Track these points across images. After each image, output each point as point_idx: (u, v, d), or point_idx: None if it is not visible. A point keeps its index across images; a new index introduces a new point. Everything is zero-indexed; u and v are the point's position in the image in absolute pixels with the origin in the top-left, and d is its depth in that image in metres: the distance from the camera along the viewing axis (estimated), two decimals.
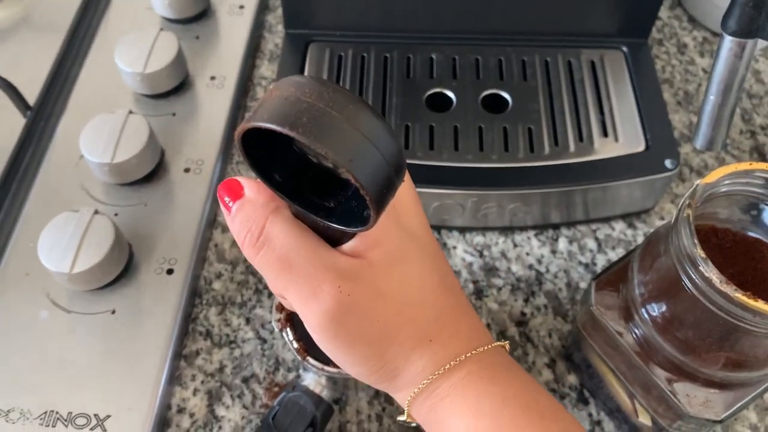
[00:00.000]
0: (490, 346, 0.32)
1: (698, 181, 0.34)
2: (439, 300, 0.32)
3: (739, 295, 0.30)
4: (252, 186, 0.30)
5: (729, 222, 0.38)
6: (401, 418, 0.33)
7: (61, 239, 0.46)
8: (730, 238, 0.37)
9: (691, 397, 0.37)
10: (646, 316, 0.37)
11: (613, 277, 0.40)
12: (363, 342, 0.30)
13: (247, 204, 0.30)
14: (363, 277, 0.29)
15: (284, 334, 0.41)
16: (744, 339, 0.33)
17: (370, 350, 0.30)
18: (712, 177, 0.34)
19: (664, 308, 0.35)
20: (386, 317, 0.30)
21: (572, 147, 0.50)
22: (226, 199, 0.31)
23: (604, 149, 0.50)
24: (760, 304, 0.30)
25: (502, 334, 0.48)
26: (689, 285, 0.33)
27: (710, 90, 0.42)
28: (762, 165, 0.34)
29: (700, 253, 0.31)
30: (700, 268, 0.31)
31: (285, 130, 0.23)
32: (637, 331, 0.38)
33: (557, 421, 0.31)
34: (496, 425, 0.30)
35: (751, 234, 0.37)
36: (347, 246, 0.30)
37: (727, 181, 0.35)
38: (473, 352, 0.31)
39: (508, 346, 0.33)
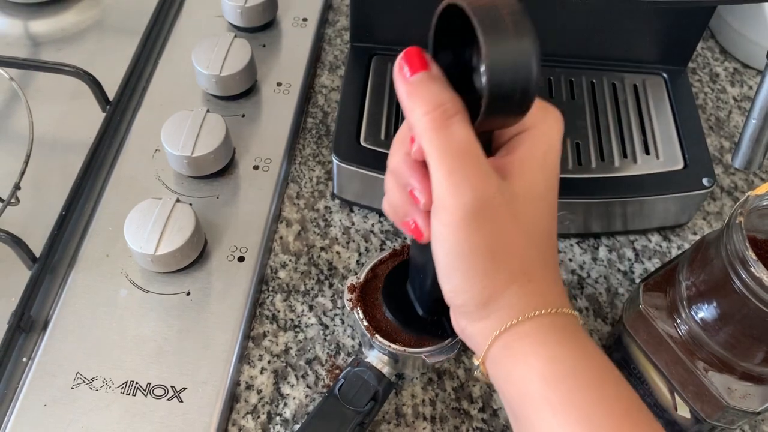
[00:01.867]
0: (574, 313, 0.34)
1: (749, 193, 0.38)
2: (549, 248, 0.34)
3: None
4: (435, 66, 0.31)
5: (766, 233, 0.42)
6: (475, 362, 0.35)
7: (146, 223, 0.50)
8: None
9: (732, 390, 0.40)
10: (693, 314, 0.40)
11: (660, 279, 0.44)
12: (486, 252, 0.31)
13: (438, 81, 0.31)
14: (510, 200, 0.31)
15: (355, 312, 0.45)
16: None
17: (485, 264, 0.32)
18: (761, 190, 0.38)
19: (712, 307, 0.39)
20: (512, 239, 0.32)
21: (617, 162, 0.55)
22: (405, 69, 0.31)
23: (646, 165, 0.55)
24: None
25: None
26: (739, 285, 0.36)
27: (752, 114, 0.46)
28: None
29: (751, 255, 0.35)
30: (751, 268, 0.35)
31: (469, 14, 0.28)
32: (683, 328, 0.42)
33: (627, 387, 0.32)
34: (569, 373, 0.31)
35: None
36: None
37: None
38: (567, 309, 0.33)
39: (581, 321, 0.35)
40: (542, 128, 0.34)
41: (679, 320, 0.42)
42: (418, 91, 0.31)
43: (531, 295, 0.32)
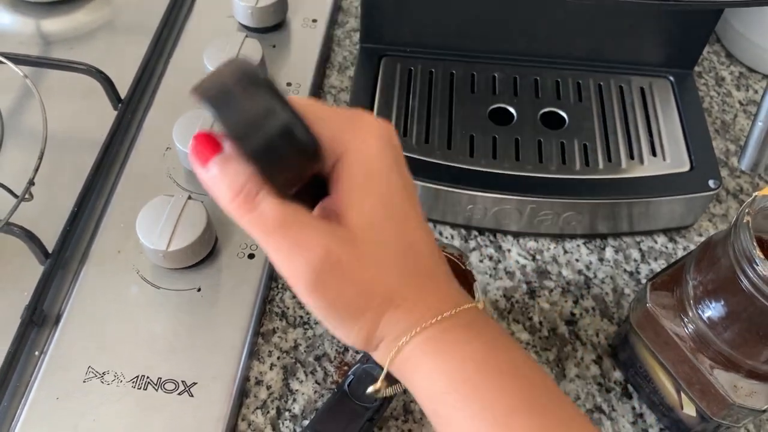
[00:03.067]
0: (457, 310, 0.33)
1: (756, 193, 0.38)
2: (415, 260, 0.33)
3: None
4: (228, 144, 0.31)
5: None
6: (371, 389, 0.37)
7: (158, 220, 0.50)
8: None
9: (738, 388, 0.41)
10: (700, 312, 0.41)
11: (667, 279, 0.45)
12: (342, 304, 0.32)
13: (234, 161, 0.30)
14: (346, 242, 0.31)
15: None
16: None
17: (347, 313, 0.33)
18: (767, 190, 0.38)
19: (719, 305, 0.40)
20: (363, 282, 0.32)
21: (624, 163, 0.55)
22: (198, 157, 0.31)
23: (653, 167, 0.55)
24: None
25: (553, 332, 0.53)
26: (746, 283, 0.37)
27: (759, 116, 0.47)
28: None
29: (758, 254, 0.36)
30: (758, 267, 0.36)
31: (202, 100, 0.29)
32: (690, 327, 0.42)
33: (518, 377, 0.33)
34: (449, 384, 0.32)
35: None
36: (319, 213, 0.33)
37: None
38: (436, 318, 0.33)
39: (482, 305, 0.35)
40: (353, 148, 0.32)
41: (685, 319, 0.42)
42: (215, 180, 0.31)
43: (402, 320, 0.33)
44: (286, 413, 0.48)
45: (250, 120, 0.28)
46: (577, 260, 0.56)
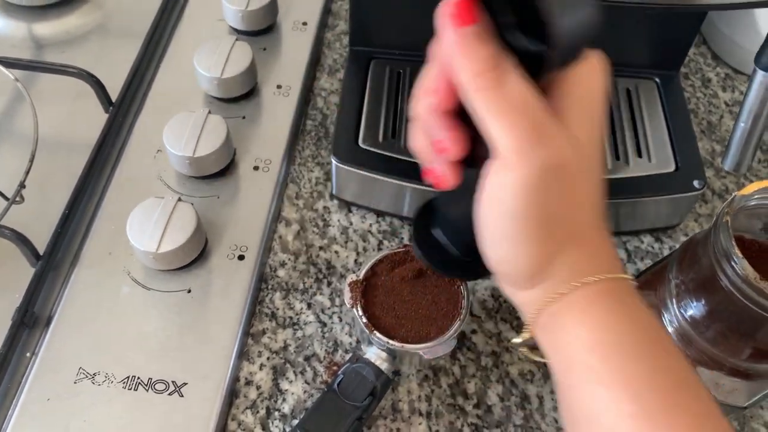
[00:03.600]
0: (625, 276, 0.32)
1: (735, 193, 0.39)
2: (598, 207, 0.32)
3: None
4: (485, 19, 0.29)
5: (754, 234, 0.43)
6: (517, 340, 0.34)
7: (149, 221, 0.51)
8: (756, 247, 0.42)
9: (720, 385, 0.41)
10: (682, 311, 0.41)
11: (651, 278, 0.45)
12: (543, 218, 0.30)
13: (490, 39, 0.28)
14: (576, 149, 0.29)
15: (355, 310, 0.46)
16: None
17: (538, 232, 0.30)
18: (747, 190, 0.39)
19: (700, 304, 0.40)
20: (573, 200, 0.30)
21: (609, 164, 0.56)
22: (455, 17, 0.28)
23: (638, 168, 0.56)
24: None
25: None
26: (726, 281, 0.38)
27: (741, 117, 0.47)
28: None
29: (737, 252, 0.36)
30: (737, 265, 0.36)
31: None
32: (672, 325, 0.43)
33: (677, 358, 0.31)
34: (615, 342, 0.30)
35: None
36: None
37: (758, 195, 0.40)
38: (614, 275, 0.31)
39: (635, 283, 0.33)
40: (589, 65, 0.30)
41: (668, 317, 0.43)
42: (468, 47, 0.28)
43: (579, 263, 0.31)
44: (276, 413, 0.49)
45: (573, 14, 0.26)
46: None
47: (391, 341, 0.45)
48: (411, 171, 0.55)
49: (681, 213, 0.57)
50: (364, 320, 0.45)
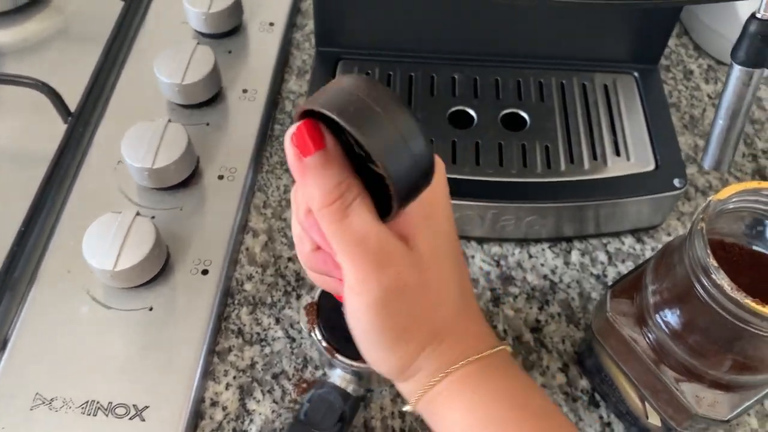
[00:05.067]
0: (493, 350, 0.34)
1: (711, 197, 0.37)
2: (456, 301, 0.34)
3: (749, 301, 0.33)
4: (332, 142, 0.29)
5: (736, 237, 0.41)
6: (406, 408, 0.36)
7: (105, 238, 0.49)
8: (736, 251, 0.40)
9: (700, 398, 0.39)
10: (659, 321, 0.39)
11: (628, 286, 0.43)
12: (393, 328, 0.32)
13: (336, 163, 0.29)
14: (415, 267, 0.31)
15: (313, 335, 0.44)
16: (749, 343, 0.36)
17: (393, 338, 0.32)
18: (723, 194, 0.37)
19: (676, 314, 0.38)
20: (421, 309, 0.32)
21: (587, 164, 0.54)
22: (300, 147, 0.29)
23: (617, 167, 0.54)
24: (767, 309, 0.33)
25: (517, 340, 0.51)
26: (701, 292, 0.35)
27: (719, 114, 0.45)
28: None
29: (712, 262, 0.34)
30: (713, 276, 0.34)
31: (333, 115, 0.27)
32: (650, 336, 0.41)
33: (548, 419, 0.34)
34: (486, 420, 0.33)
35: (756, 248, 0.40)
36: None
37: (735, 198, 0.38)
38: (477, 356, 0.33)
39: (509, 349, 0.36)
40: None
41: (645, 328, 0.41)
42: (313, 176, 0.29)
43: (446, 353, 0.33)
44: None
45: (392, 140, 0.27)
46: (542, 265, 0.55)
47: (354, 363, 0.43)
48: None
49: (663, 212, 0.55)
50: (324, 344, 0.43)
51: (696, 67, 0.68)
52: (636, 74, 0.59)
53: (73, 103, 0.59)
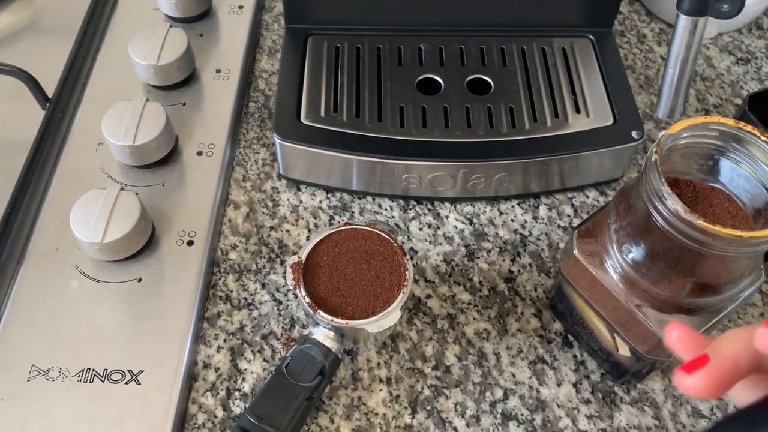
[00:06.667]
0: None
1: (663, 132, 0.40)
2: None
3: (701, 221, 0.36)
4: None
5: (689, 173, 0.44)
6: None
7: (92, 213, 0.50)
8: (690, 187, 0.43)
9: (664, 324, 0.42)
10: (623, 255, 0.42)
11: (591, 227, 0.46)
12: None
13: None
14: None
15: (297, 291, 0.46)
16: (705, 265, 0.39)
17: None
18: (674, 129, 0.40)
19: (638, 246, 0.41)
20: None
21: (549, 122, 0.56)
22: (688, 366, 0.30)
23: (577, 123, 0.57)
24: (718, 228, 0.36)
25: (493, 290, 0.54)
26: (659, 219, 0.38)
27: (669, 64, 0.48)
28: (715, 118, 0.40)
29: (666, 189, 0.37)
30: (667, 202, 0.37)
31: None
32: (616, 270, 0.44)
33: None
34: None
35: (708, 183, 0.43)
36: None
37: (686, 134, 0.40)
38: None
39: None
40: None
41: (611, 263, 0.44)
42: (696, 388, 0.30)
43: None
44: (236, 393, 0.49)
45: None
46: (512, 220, 0.58)
47: (335, 319, 0.45)
48: (355, 143, 0.55)
49: (623, 165, 0.58)
50: (307, 300, 0.45)
51: (648, 31, 0.71)
52: (592, 37, 0.63)
53: (50, 89, 0.60)
